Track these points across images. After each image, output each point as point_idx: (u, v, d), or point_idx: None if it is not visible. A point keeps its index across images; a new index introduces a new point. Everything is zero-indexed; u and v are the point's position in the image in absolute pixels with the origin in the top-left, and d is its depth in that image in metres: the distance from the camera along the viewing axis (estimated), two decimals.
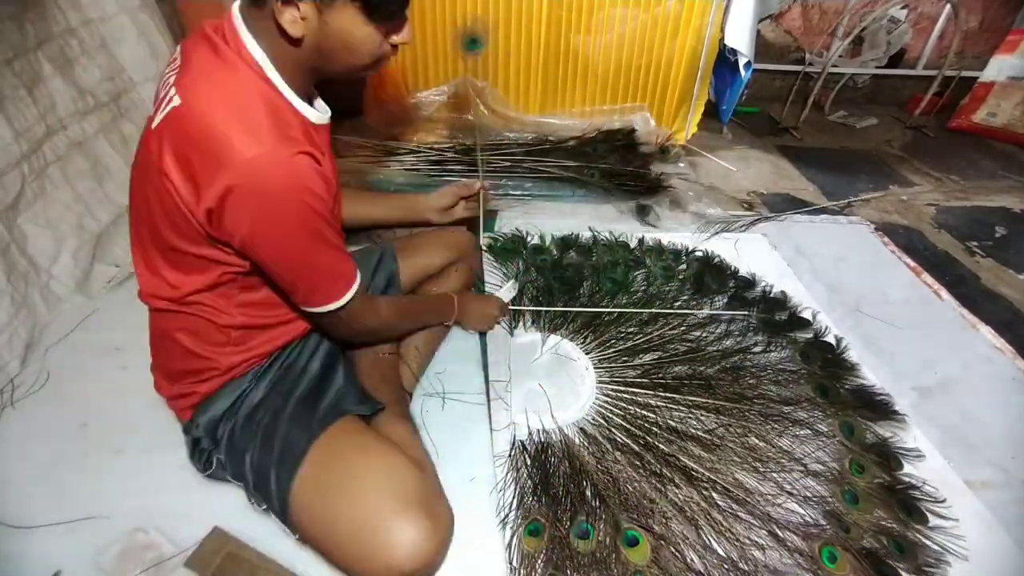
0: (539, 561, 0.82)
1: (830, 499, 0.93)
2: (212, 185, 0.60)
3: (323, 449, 0.76)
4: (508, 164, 1.82)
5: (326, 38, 0.65)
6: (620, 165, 1.87)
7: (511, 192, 1.77)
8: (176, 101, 0.63)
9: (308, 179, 0.63)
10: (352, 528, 0.69)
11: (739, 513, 0.89)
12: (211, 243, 0.67)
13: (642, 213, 1.72)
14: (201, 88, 0.62)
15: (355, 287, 0.76)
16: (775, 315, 1.32)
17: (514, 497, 0.90)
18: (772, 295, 1.38)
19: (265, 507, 0.79)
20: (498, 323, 1.20)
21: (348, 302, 0.75)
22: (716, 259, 1.50)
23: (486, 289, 1.33)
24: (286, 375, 0.86)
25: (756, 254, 1.57)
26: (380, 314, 0.87)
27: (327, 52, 0.66)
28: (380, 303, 0.87)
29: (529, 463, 0.95)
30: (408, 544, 0.68)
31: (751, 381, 1.12)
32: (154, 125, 0.65)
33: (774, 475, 0.96)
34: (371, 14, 0.64)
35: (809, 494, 0.93)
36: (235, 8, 0.65)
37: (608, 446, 0.99)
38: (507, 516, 0.88)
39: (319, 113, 0.73)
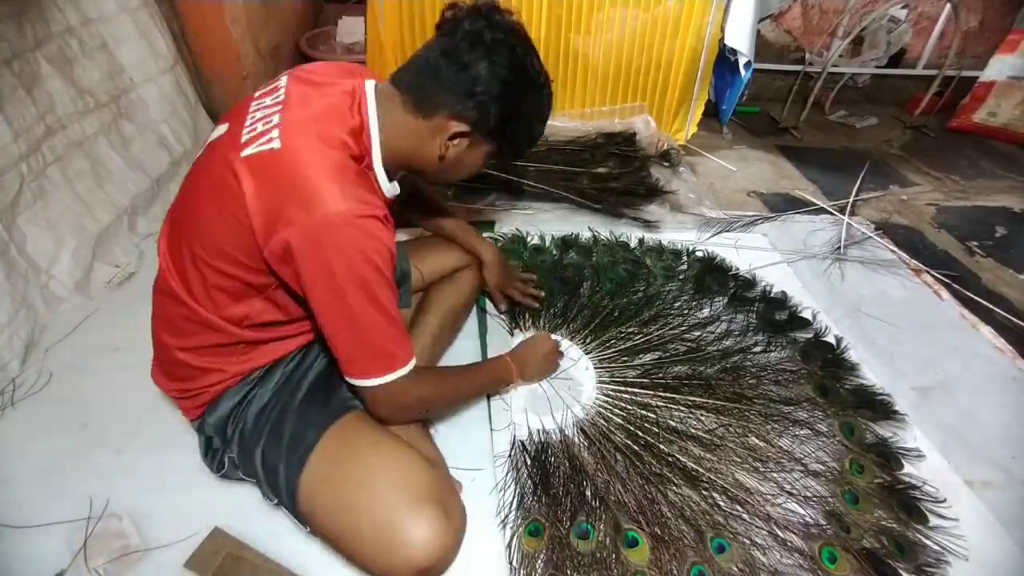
0: (539, 561, 0.82)
1: (830, 499, 0.93)
2: (289, 227, 0.63)
3: (333, 442, 0.76)
4: (505, 176, 1.81)
5: (457, 161, 0.78)
6: (620, 169, 1.87)
7: (512, 204, 1.77)
8: (276, 144, 0.66)
9: (380, 242, 0.67)
10: (366, 523, 0.70)
11: (739, 513, 0.89)
12: (268, 273, 0.70)
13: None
14: (303, 137, 0.67)
15: (400, 372, 0.73)
16: (775, 315, 1.32)
17: (514, 497, 0.90)
18: (772, 295, 1.38)
19: (276, 502, 0.79)
20: (560, 356, 1.11)
21: (386, 384, 0.73)
22: (716, 259, 1.50)
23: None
24: (295, 371, 0.86)
25: (756, 254, 1.57)
26: (421, 392, 0.79)
27: (445, 168, 0.78)
28: (424, 379, 0.80)
29: (529, 463, 0.95)
30: (423, 540, 0.68)
31: (751, 381, 1.12)
32: (243, 154, 0.67)
33: (774, 475, 0.96)
34: (498, 156, 0.80)
35: (809, 494, 0.94)
36: (371, 84, 0.75)
37: (608, 446, 0.99)
38: (507, 516, 0.88)
39: (392, 188, 0.80)
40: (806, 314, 1.34)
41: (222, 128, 0.75)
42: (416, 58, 0.74)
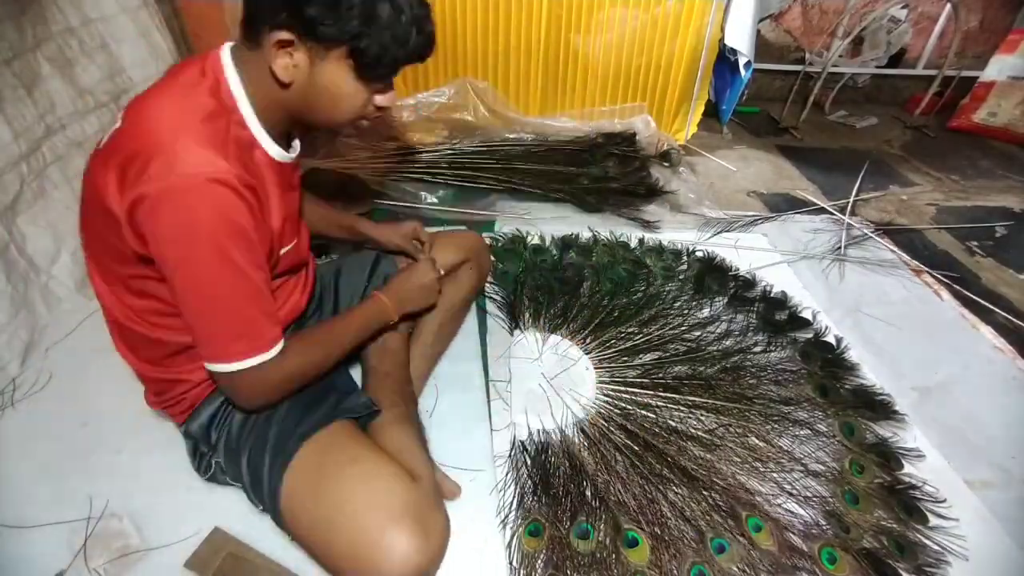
0: (539, 561, 0.82)
1: (830, 499, 0.93)
2: (134, 191, 0.58)
3: (314, 451, 0.74)
4: (506, 177, 1.81)
5: (313, 87, 0.66)
6: (619, 169, 1.87)
7: (510, 205, 1.77)
8: (119, 124, 0.64)
9: (225, 211, 0.60)
10: (343, 539, 0.68)
11: (740, 513, 0.89)
12: (142, 263, 0.65)
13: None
14: (146, 107, 0.63)
15: (260, 358, 0.67)
16: (775, 315, 1.32)
17: (514, 497, 0.90)
18: (772, 295, 1.38)
19: (262, 508, 0.79)
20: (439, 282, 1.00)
21: (244, 371, 0.67)
22: (716, 259, 1.50)
23: (487, 287, 1.34)
24: None
25: (756, 254, 1.58)
26: (286, 370, 0.72)
27: (311, 101, 0.67)
28: (289, 355, 0.72)
29: (529, 463, 0.95)
30: (398, 559, 0.67)
31: (751, 381, 1.12)
32: (99, 147, 0.66)
33: (774, 475, 0.96)
34: (361, 72, 0.66)
35: (809, 494, 0.94)
36: (226, 45, 0.67)
37: (608, 446, 0.99)
38: (507, 516, 0.88)
39: (282, 152, 0.72)
40: (806, 314, 1.34)
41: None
42: None
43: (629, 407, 1.06)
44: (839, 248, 1.64)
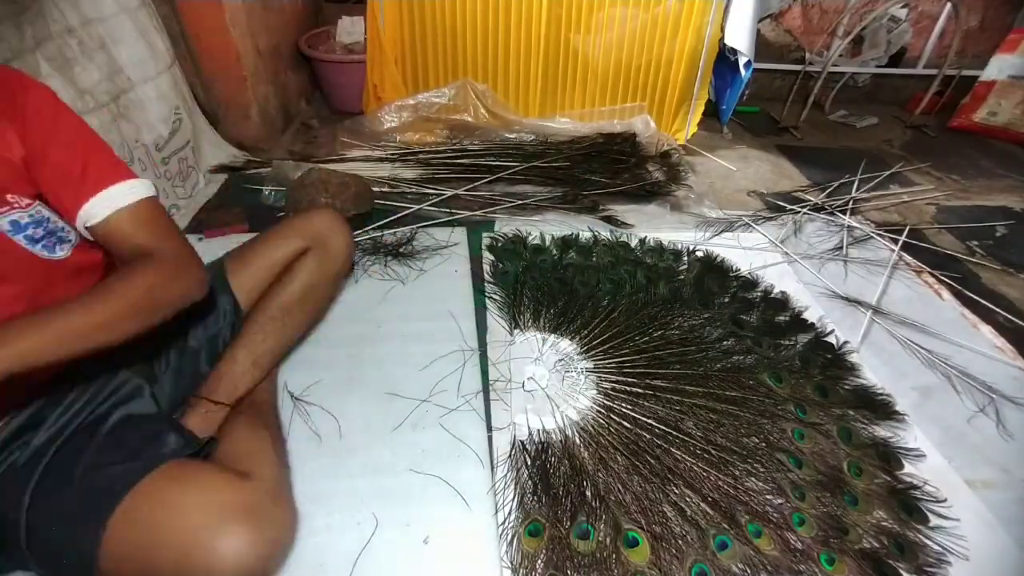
0: (539, 561, 0.82)
1: (829, 500, 0.93)
2: None
3: (136, 499, 0.67)
4: (505, 176, 1.81)
5: None
6: (618, 169, 1.87)
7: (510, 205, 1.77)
8: None
9: None
10: (168, 556, 0.64)
11: (739, 513, 0.89)
12: None
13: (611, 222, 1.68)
14: None
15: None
16: (775, 316, 1.32)
17: (514, 497, 0.90)
18: (773, 295, 1.38)
19: None
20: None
21: (152, 197, 0.72)
22: (717, 259, 1.50)
23: (487, 287, 1.33)
24: (75, 437, 0.73)
25: (756, 254, 1.57)
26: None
27: None
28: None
29: (529, 463, 0.95)
30: (232, 556, 0.63)
31: (750, 382, 1.12)
32: None
33: (774, 475, 0.96)
34: None
35: (811, 496, 0.93)
36: None
37: (608, 446, 0.99)
38: (507, 516, 0.88)
39: None
40: (807, 315, 1.33)
41: None
42: None
43: (628, 407, 1.06)
44: (839, 248, 1.64)
